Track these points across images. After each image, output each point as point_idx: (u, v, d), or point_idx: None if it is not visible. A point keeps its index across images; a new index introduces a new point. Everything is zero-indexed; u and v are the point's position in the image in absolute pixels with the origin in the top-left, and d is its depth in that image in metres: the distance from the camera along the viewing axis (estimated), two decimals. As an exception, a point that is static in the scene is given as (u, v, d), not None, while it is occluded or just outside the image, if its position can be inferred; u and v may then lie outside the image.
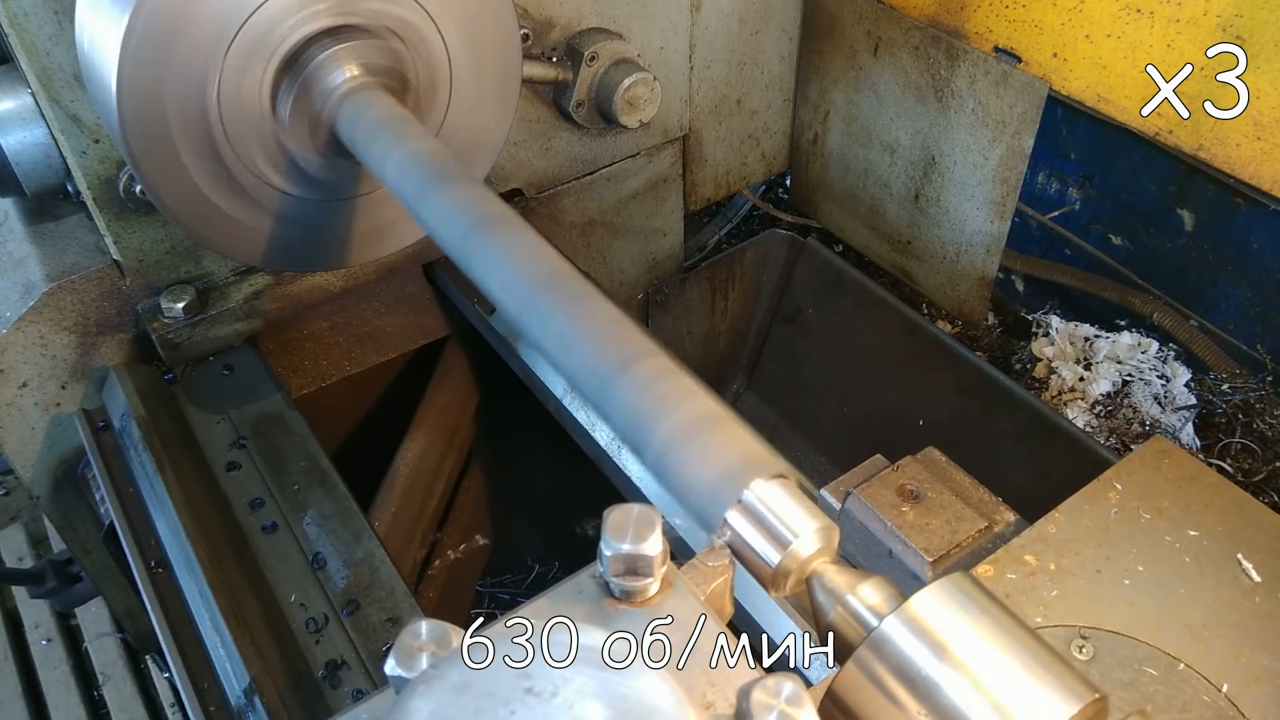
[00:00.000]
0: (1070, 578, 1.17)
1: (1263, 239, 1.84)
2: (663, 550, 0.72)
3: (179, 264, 1.66)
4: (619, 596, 0.73)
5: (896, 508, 1.24)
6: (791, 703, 0.60)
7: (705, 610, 0.73)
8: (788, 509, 0.75)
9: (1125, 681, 1.08)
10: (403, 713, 0.55)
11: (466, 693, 0.56)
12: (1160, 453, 1.31)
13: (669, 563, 0.74)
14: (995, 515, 1.26)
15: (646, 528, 0.71)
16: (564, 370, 0.93)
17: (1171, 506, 1.24)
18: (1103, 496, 1.26)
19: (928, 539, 1.21)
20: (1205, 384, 1.98)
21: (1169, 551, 1.20)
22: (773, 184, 2.73)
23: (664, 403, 0.84)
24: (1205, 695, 1.06)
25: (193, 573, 1.34)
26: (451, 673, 0.57)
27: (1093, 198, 2.15)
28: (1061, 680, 0.65)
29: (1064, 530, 1.22)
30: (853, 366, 2.42)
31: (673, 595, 0.73)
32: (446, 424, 1.96)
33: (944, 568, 1.19)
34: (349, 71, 1.27)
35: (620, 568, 0.72)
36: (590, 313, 0.94)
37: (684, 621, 0.72)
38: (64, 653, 2.41)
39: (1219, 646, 1.11)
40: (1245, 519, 1.22)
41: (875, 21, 2.03)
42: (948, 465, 1.33)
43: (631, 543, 0.70)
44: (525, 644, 0.59)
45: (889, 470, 1.29)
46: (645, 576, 0.72)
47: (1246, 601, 1.15)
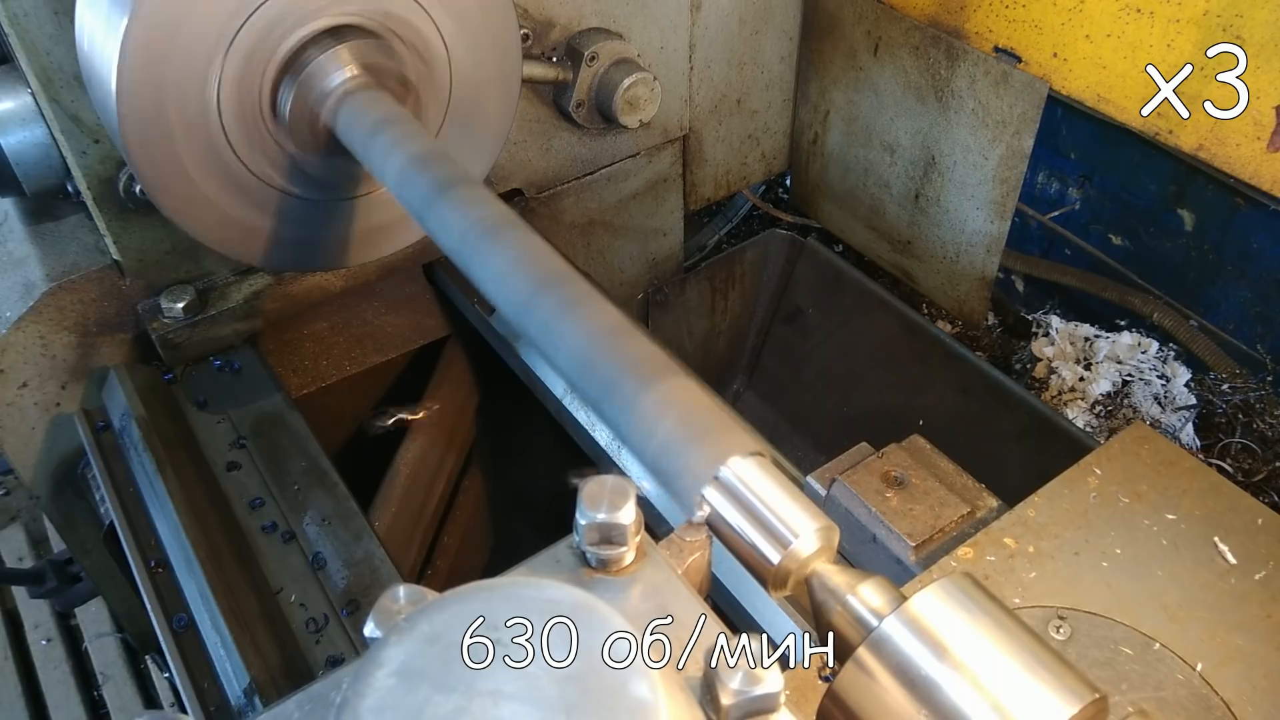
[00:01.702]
0: (1049, 560, 1.19)
1: (1263, 239, 1.84)
2: (636, 519, 0.74)
3: (179, 264, 1.66)
4: (595, 565, 0.75)
5: (881, 494, 1.27)
6: (756, 660, 0.63)
7: (679, 579, 0.76)
8: (782, 503, 0.75)
9: (1101, 661, 1.10)
10: (374, 662, 0.57)
11: (436, 643, 0.57)
12: (1140, 438, 1.33)
13: (644, 534, 0.77)
14: (978, 501, 1.29)
15: (620, 497, 0.73)
16: (563, 372, 0.94)
17: (1150, 491, 1.26)
18: (1082, 481, 1.28)
19: (911, 524, 1.23)
20: (1205, 384, 1.98)
21: (1146, 535, 1.22)
22: (773, 184, 2.73)
23: (652, 399, 0.84)
24: (1180, 674, 1.08)
25: (193, 573, 1.34)
26: (422, 624, 0.58)
27: (1093, 198, 2.15)
28: (1061, 680, 0.65)
29: (1043, 514, 1.24)
30: (853, 366, 2.42)
31: (648, 565, 0.76)
32: (446, 424, 1.96)
33: (927, 552, 1.21)
34: (349, 71, 1.27)
35: (595, 536, 0.74)
36: (590, 315, 0.94)
37: (658, 590, 0.74)
38: (64, 653, 2.41)
39: (1194, 627, 1.13)
40: (1222, 503, 1.25)
41: (875, 21, 2.03)
42: (932, 452, 1.35)
43: (606, 512, 0.73)
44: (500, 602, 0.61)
45: (874, 457, 1.32)
46: (620, 545, 0.74)
47: (1222, 583, 1.17)
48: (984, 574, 1.17)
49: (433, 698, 0.55)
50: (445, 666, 0.56)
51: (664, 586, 0.75)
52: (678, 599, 0.74)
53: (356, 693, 0.55)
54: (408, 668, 0.56)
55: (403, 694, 0.55)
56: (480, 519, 2.28)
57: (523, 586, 0.61)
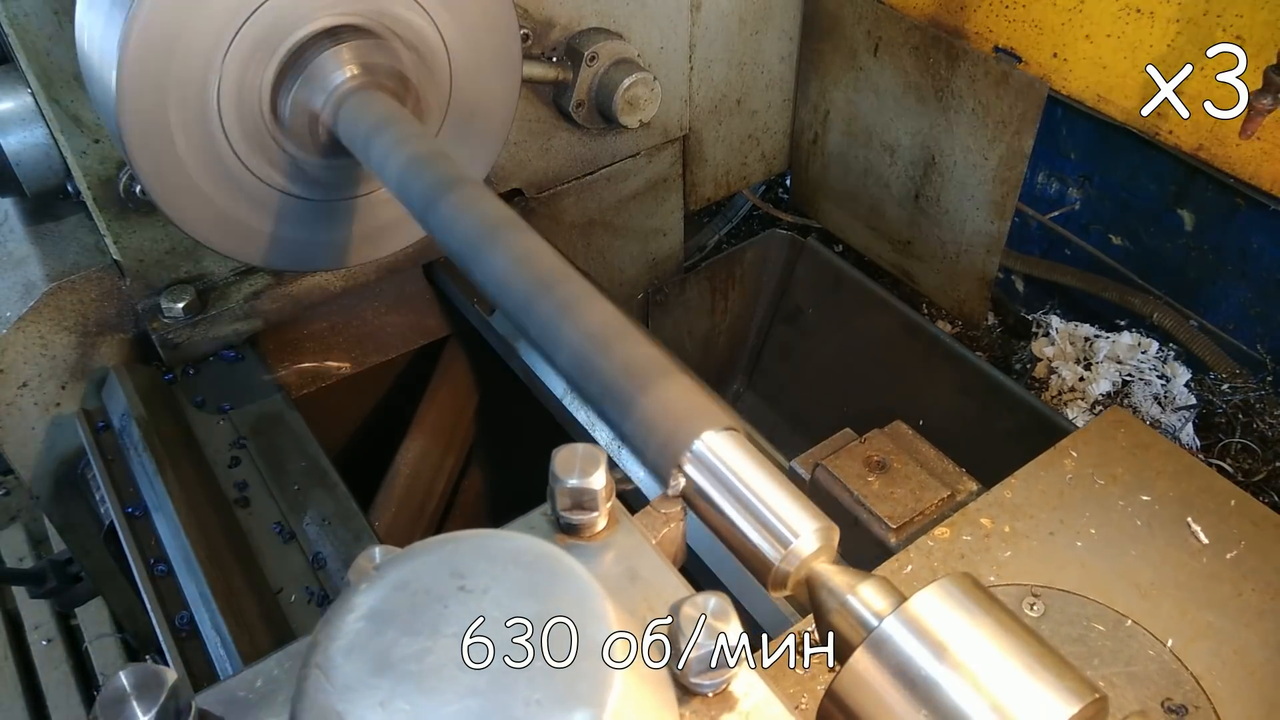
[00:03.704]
0: (1024, 540, 1.22)
1: (1263, 239, 1.84)
2: (607, 485, 0.77)
3: (179, 264, 1.66)
4: (568, 531, 0.79)
5: (863, 478, 1.31)
6: (716, 615, 0.65)
7: (649, 545, 0.79)
8: (781, 502, 0.76)
9: (1074, 637, 1.12)
10: (346, 607, 0.60)
11: (404, 590, 0.60)
12: (1116, 422, 1.35)
13: (616, 501, 0.79)
14: (958, 485, 1.32)
15: (591, 464, 0.76)
16: (563, 372, 0.94)
17: (1125, 473, 1.29)
18: (1059, 463, 1.31)
19: (892, 507, 1.27)
20: (1205, 384, 1.98)
21: (1121, 515, 1.25)
22: (773, 184, 2.72)
23: (652, 399, 0.85)
24: (1150, 650, 1.11)
25: (193, 573, 1.34)
26: (391, 573, 0.61)
27: (1093, 198, 2.15)
28: (1061, 680, 0.65)
29: (1020, 495, 1.27)
30: (853, 366, 2.42)
31: (619, 531, 0.79)
32: (446, 424, 1.96)
33: (907, 534, 1.24)
34: (349, 71, 1.27)
35: (567, 502, 0.77)
36: (590, 315, 0.94)
37: (628, 554, 0.78)
38: (64, 653, 2.41)
39: (1166, 604, 1.15)
40: (1196, 485, 1.27)
41: (875, 21, 2.03)
42: (914, 438, 1.39)
43: (578, 477, 0.75)
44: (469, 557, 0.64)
45: (856, 443, 1.36)
46: (591, 510, 0.77)
47: (1194, 562, 1.19)
48: (960, 553, 1.20)
49: (400, 639, 0.57)
50: (413, 611, 0.59)
51: (635, 551, 0.78)
52: (647, 563, 0.77)
53: (328, 635, 0.58)
54: (377, 612, 0.59)
55: (371, 635, 0.58)
56: (480, 519, 2.28)
57: (489, 537, 0.64)
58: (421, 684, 0.55)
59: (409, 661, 0.56)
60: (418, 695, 0.55)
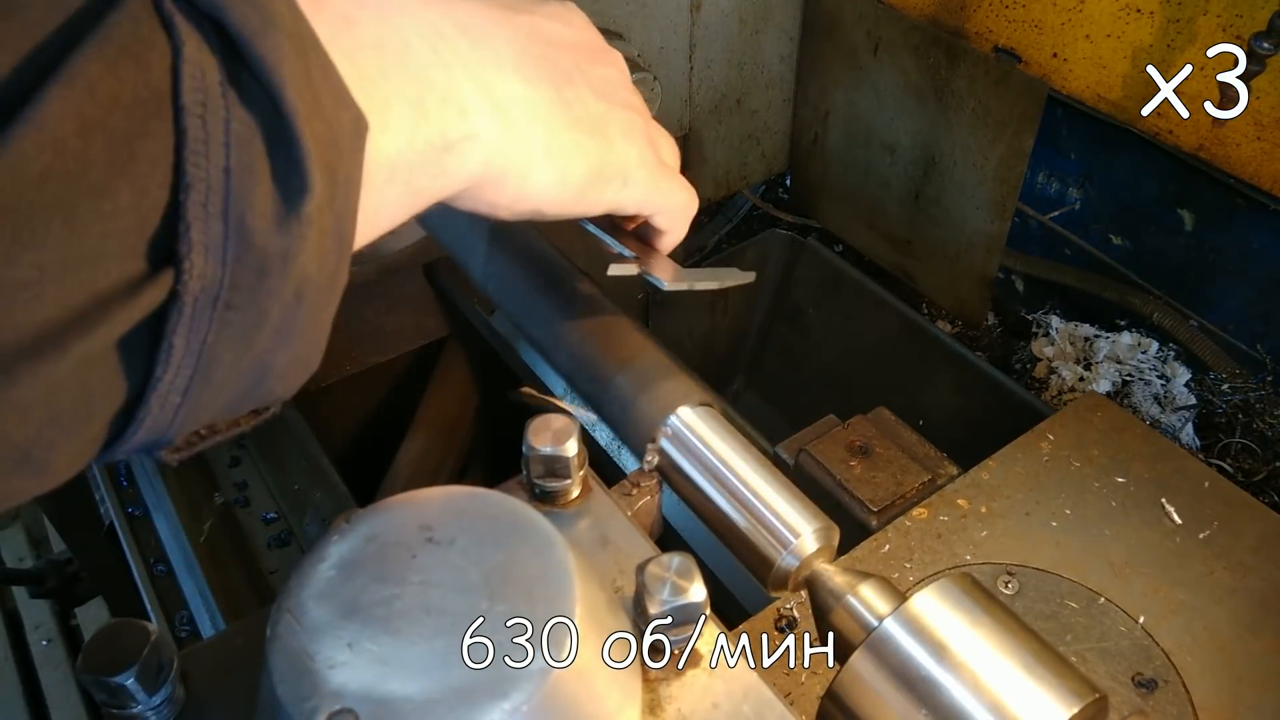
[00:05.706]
0: (1000, 520, 1.24)
1: (1263, 239, 1.84)
2: (580, 454, 0.80)
3: (179, 264, 1.65)
4: (541, 499, 0.81)
5: (845, 462, 1.33)
6: (681, 574, 0.67)
7: (622, 513, 0.81)
8: (781, 502, 0.76)
9: (1047, 614, 1.14)
10: (317, 557, 0.62)
11: (374, 541, 0.63)
12: (1093, 406, 1.38)
13: (590, 470, 0.82)
14: (939, 469, 1.34)
15: (564, 433, 0.79)
16: (563, 372, 0.94)
17: (1101, 455, 1.31)
18: (1035, 446, 1.33)
19: (874, 491, 1.29)
20: (1205, 384, 1.98)
21: (1096, 496, 1.27)
22: (773, 184, 2.72)
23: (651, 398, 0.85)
24: (1122, 626, 1.13)
25: (193, 573, 1.35)
26: (362, 526, 0.64)
27: (1093, 198, 2.15)
28: (1062, 680, 0.65)
29: (996, 476, 1.29)
30: (853, 366, 2.42)
31: (593, 499, 0.82)
32: (446, 424, 1.96)
33: (888, 517, 1.26)
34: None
35: (540, 469, 0.80)
36: (590, 315, 0.94)
37: (601, 521, 0.80)
38: (64, 653, 2.41)
39: (1139, 582, 1.17)
40: (1171, 466, 1.29)
41: (875, 21, 2.03)
42: (896, 423, 1.41)
43: (551, 445, 0.78)
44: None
45: (839, 428, 1.38)
46: (564, 478, 0.80)
47: (1167, 542, 1.22)
48: (937, 533, 1.22)
49: (369, 586, 0.61)
50: (381, 560, 0.62)
51: (607, 519, 0.80)
52: (619, 530, 0.80)
53: (299, 582, 0.61)
54: (346, 561, 0.62)
55: (341, 582, 0.61)
56: (480, 519, 2.28)
57: (459, 494, 0.67)
58: (389, 626, 0.58)
59: (376, 606, 0.59)
60: (385, 636, 0.58)
